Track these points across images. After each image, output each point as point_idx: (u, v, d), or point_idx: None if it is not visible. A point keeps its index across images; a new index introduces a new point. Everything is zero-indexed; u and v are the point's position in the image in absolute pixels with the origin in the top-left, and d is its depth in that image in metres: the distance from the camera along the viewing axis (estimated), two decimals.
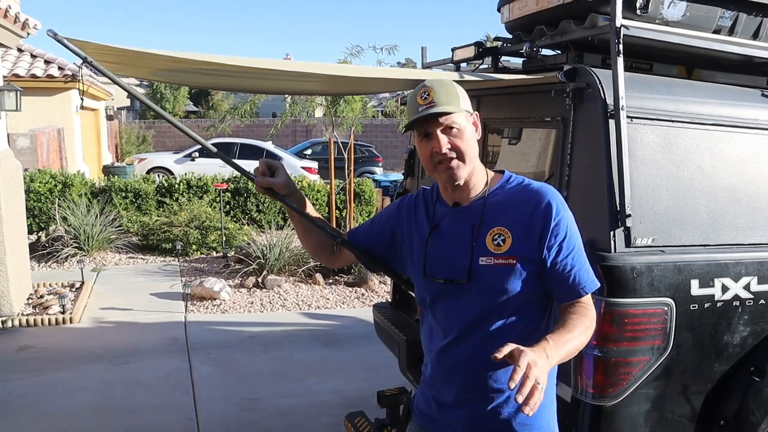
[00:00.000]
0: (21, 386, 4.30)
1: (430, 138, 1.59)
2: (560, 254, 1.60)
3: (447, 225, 1.69)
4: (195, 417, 3.92)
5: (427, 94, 1.58)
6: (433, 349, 1.73)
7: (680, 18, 2.42)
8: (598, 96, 2.21)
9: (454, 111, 1.57)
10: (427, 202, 1.77)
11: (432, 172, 1.64)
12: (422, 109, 1.57)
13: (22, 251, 6.05)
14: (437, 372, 1.73)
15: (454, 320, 1.66)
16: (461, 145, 1.59)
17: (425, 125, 1.59)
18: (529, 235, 1.60)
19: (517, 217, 1.61)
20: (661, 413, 2.24)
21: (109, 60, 2.44)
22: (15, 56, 12.45)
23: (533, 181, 1.69)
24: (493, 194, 1.67)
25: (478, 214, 1.64)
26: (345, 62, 7.62)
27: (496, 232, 1.61)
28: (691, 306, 2.20)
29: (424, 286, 1.70)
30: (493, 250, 1.60)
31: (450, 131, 1.58)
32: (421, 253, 1.70)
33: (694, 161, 2.31)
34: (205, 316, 6.02)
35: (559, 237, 1.60)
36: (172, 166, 15.49)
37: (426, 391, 1.78)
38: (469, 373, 1.65)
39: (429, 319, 1.75)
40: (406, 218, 1.79)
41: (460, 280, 1.62)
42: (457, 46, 3.15)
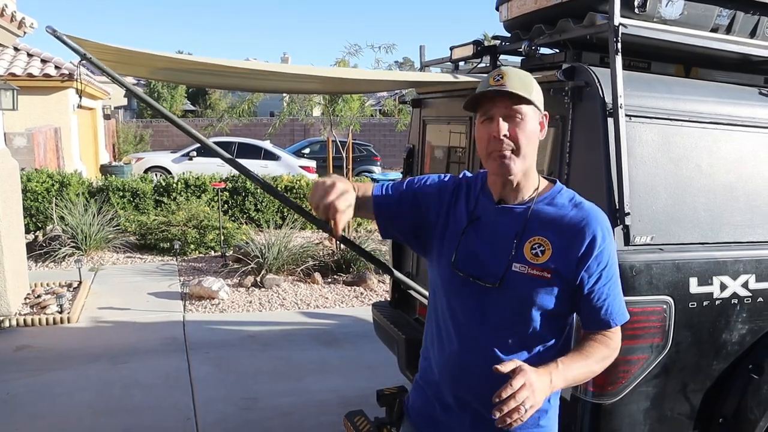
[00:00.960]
0: (18, 386, 4.30)
1: (491, 121, 1.52)
2: (598, 282, 1.57)
3: (488, 221, 1.61)
4: (194, 417, 3.91)
5: (500, 77, 1.51)
6: (443, 347, 1.66)
7: (678, 16, 2.42)
8: (597, 94, 2.21)
9: (525, 95, 1.50)
10: (469, 191, 1.68)
11: (485, 159, 1.56)
12: (492, 89, 1.50)
13: (19, 251, 6.04)
14: (445, 371, 1.66)
15: (474, 320, 1.59)
16: (520, 136, 1.51)
17: (490, 105, 1.52)
18: (569, 253, 1.54)
19: (562, 232, 1.56)
20: (661, 411, 2.25)
21: (106, 59, 2.44)
22: (11, 55, 12.43)
23: (584, 200, 1.64)
24: (541, 202, 1.60)
25: (522, 219, 1.57)
26: (343, 61, 7.63)
27: (537, 242, 1.55)
28: (689, 304, 2.21)
29: (449, 276, 1.62)
30: (529, 259, 1.54)
31: (513, 119, 1.51)
32: (455, 242, 1.62)
33: (692, 159, 2.32)
34: (203, 315, 6.01)
35: (601, 265, 1.56)
36: (169, 165, 15.47)
37: (426, 391, 1.72)
38: (483, 376, 1.56)
39: (442, 314, 1.67)
40: (447, 201, 1.69)
41: (489, 282, 1.56)
42: (456, 45, 3.15)
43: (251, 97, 8.84)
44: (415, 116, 3.71)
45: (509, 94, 1.49)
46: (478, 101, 1.54)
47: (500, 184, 1.60)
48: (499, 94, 1.50)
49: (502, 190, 1.61)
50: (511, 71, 1.54)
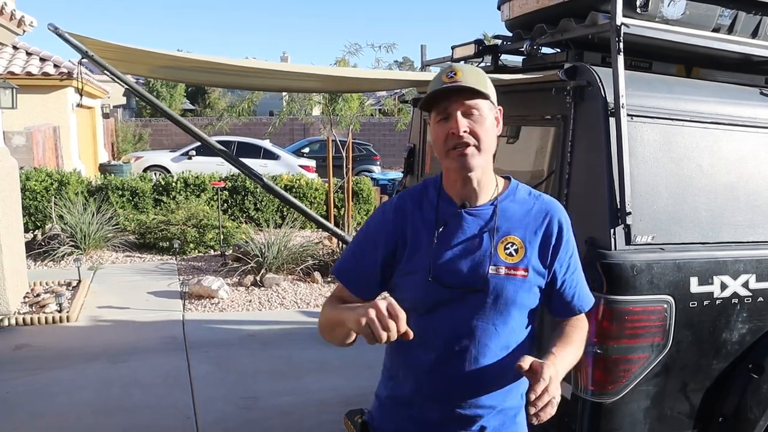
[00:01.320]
0: (18, 385, 4.29)
1: (448, 119, 1.49)
2: (568, 271, 1.60)
3: (455, 226, 1.56)
4: (194, 416, 3.91)
5: (453, 74, 1.48)
6: (421, 362, 1.58)
7: (680, 16, 2.42)
8: (599, 94, 2.22)
9: (482, 90, 1.48)
10: (422, 201, 1.61)
11: (443, 158, 1.52)
12: (447, 86, 1.47)
13: (18, 250, 6.03)
14: (425, 387, 1.58)
15: (458, 329, 1.54)
16: (480, 132, 1.48)
17: (446, 103, 1.49)
18: (541, 248, 1.56)
19: (530, 227, 1.57)
20: (661, 410, 2.25)
21: (107, 57, 2.44)
22: (10, 54, 12.41)
23: (541, 193, 1.65)
24: (505, 200, 1.59)
25: (490, 220, 1.56)
26: (343, 60, 7.63)
27: (509, 241, 1.55)
28: (690, 303, 2.21)
29: (426, 290, 1.54)
30: (505, 260, 1.54)
31: (471, 115, 1.48)
32: (427, 255, 1.55)
33: (693, 159, 2.32)
34: (203, 314, 6.01)
35: (568, 253, 1.60)
36: (168, 164, 15.46)
37: (400, 412, 1.63)
38: (469, 388, 1.56)
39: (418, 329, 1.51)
40: (401, 223, 1.59)
41: (471, 289, 1.52)
42: (457, 44, 3.15)
43: (251, 96, 8.84)
44: (416, 116, 3.71)
45: (465, 89, 1.47)
46: (432, 101, 1.51)
47: (461, 184, 1.55)
48: (456, 90, 1.47)
49: (463, 192, 1.56)
50: (464, 67, 1.52)
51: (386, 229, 1.60)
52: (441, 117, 1.50)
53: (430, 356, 1.56)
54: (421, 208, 1.60)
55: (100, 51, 2.22)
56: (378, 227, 1.63)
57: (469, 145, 1.48)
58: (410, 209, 1.60)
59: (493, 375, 1.56)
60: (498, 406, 1.59)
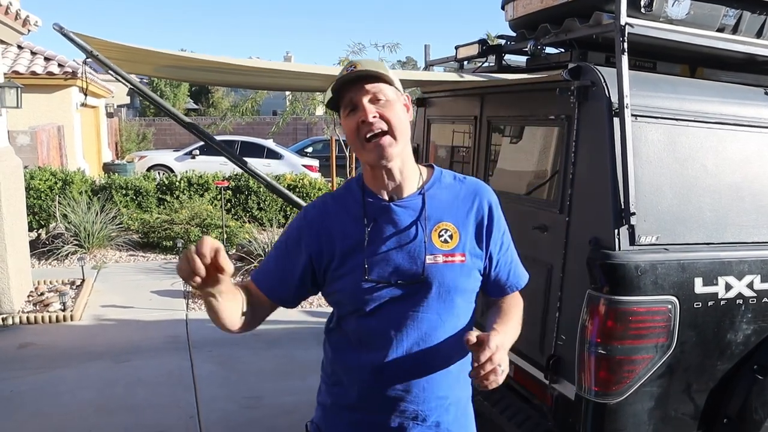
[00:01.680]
0: (22, 384, 4.30)
1: (356, 110, 1.46)
2: (501, 250, 1.60)
3: (385, 221, 1.52)
4: (197, 415, 3.91)
5: (353, 66, 1.46)
6: (366, 364, 1.53)
7: (684, 16, 2.41)
8: (603, 94, 2.21)
9: (383, 74, 1.45)
10: (346, 202, 1.57)
11: (360, 151, 1.48)
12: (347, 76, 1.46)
13: (22, 249, 6.05)
14: (374, 389, 1.54)
15: (404, 326, 1.50)
16: (390, 116, 1.45)
17: (350, 94, 1.46)
18: (476, 230, 1.56)
19: (461, 212, 1.55)
20: (665, 411, 2.25)
21: (112, 56, 2.45)
22: (15, 53, 12.44)
23: (466, 176, 1.64)
24: (431, 188, 1.56)
25: (420, 210, 1.52)
26: (347, 60, 7.63)
27: (442, 228, 1.52)
28: (694, 304, 2.20)
29: (363, 291, 1.50)
30: (440, 247, 1.51)
31: (378, 101, 1.45)
32: (358, 255, 1.50)
33: (698, 160, 2.31)
34: (206, 313, 5.99)
35: (500, 232, 1.60)
36: (172, 163, 15.48)
37: (349, 418, 1.59)
38: (419, 384, 1.53)
39: (361, 330, 1.54)
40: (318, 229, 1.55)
41: (411, 281, 1.49)
42: (461, 44, 3.15)
43: (254, 95, 8.86)
44: (419, 115, 3.71)
45: (365, 77, 1.45)
46: (337, 98, 1.49)
47: (383, 178, 1.51)
48: (357, 79, 1.45)
49: (387, 185, 1.53)
50: (362, 60, 1.51)
51: (307, 233, 1.56)
52: (348, 109, 1.48)
53: (376, 357, 1.52)
54: (346, 208, 1.56)
55: (105, 50, 2.23)
56: (298, 231, 1.58)
57: (384, 133, 1.45)
58: (334, 211, 1.57)
59: (442, 366, 1.54)
60: (450, 397, 1.58)
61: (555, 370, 2.38)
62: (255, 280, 1.59)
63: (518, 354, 2.66)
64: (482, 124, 3.03)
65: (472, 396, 1.68)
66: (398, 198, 1.53)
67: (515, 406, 2.63)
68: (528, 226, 2.60)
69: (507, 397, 2.70)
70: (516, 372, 2.68)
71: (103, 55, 1.91)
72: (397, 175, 1.51)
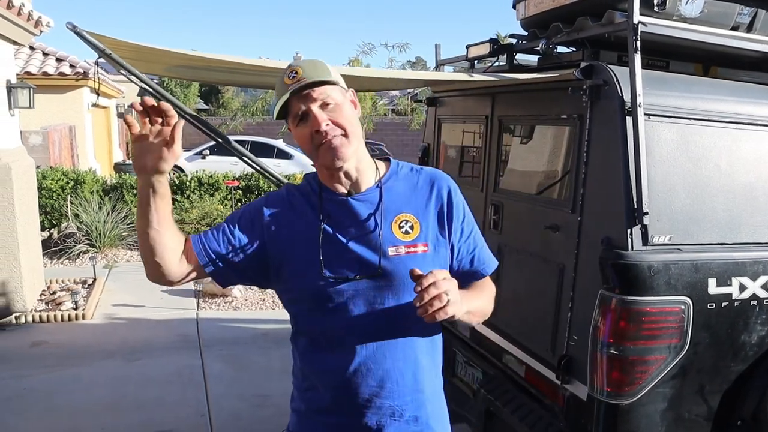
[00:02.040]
0: (35, 381, 4.33)
1: (307, 119, 1.44)
2: (462, 237, 1.58)
3: (342, 215, 1.50)
4: (207, 413, 3.93)
5: (294, 73, 1.43)
6: (336, 365, 1.51)
7: (698, 15, 2.40)
8: (615, 93, 2.20)
9: (328, 79, 1.43)
10: (307, 196, 1.55)
11: (314, 156, 1.47)
12: (291, 87, 1.42)
13: (35, 248, 6.09)
14: (349, 390, 1.51)
15: (369, 321, 1.48)
16: (342, 120, 1.44)
17: (298, 104, 1.43)
18: (437, 218, 1.54)
19: (420, 202, 1.54)
20: (678, 412, 2.23)
21: (123, 55, 2.46)
22: (27, 54, 12.53)
23: (423, 166, 1.63)
24: (388, 180, 1.55)
25: (379, 202, 1.51)
26: (357, 60, 7.63)
27: (402, 219, 1.51)
28: (708, 305, 2.19)
29: (320, 287, 1.47)
30: (402, 238, 1.49)
31: (327, 107, 1.43)
32: (314, 250, 1.47)
33: (711, 159, 2.30)
34: (216, 313, 6.04)
35: (459, 219, 1.57)
36: (182, 163, 15.53)
37: (324, 422, 1.56)
38: (392, 379, 1.51)
39: (325, 329, 1.52)
40: (278, 217, 1.53)
41: (372, 274, 1.46)
42: (472, 44, 3.14)
43: (264, 95, 8.88)
44: (430, 115, 3.71)
45: (312, 84, 1.42)
46: (285, 107, 1.46)
47: (339, 176, 1.50)
48: (303, 90, 1.42)
49: (343, 183, 1.51)
50: (302, 63, 1.46)
51: (267, 217, 1.53)
52: (298, 121, 1.46)
53: (344, 356, 1.50)
54: (308, 201, 1.54)
55: (117, 50, 2.24)
56: (257, 213, 1.54)
57: (336, 135, 1.44)
58: (297, 203, 1.55)
59: (413, 359, 1.53)
60: (426, 391, 1.56)
61: (567, 370, 2.37)
62: (192, 238, 1.53)
63: (530, 354, 2.65)
64: (493, 124, 3.02)
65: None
66: (356, 192, 1.52)
67: (527, 407, 2.62)
68: (539, 226, 2.59)
69: (518, 397, 2.69)
70: (527, 372, 2.68)
71: (116, 55, 1.92)
72: (353, 173, 1.50)
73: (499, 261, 2.88)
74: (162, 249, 1.45)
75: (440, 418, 1.63)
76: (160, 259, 1.47)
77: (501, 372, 2.88)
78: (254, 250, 1.51)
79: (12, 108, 5.66)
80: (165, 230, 1.43)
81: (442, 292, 1.30)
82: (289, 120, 1.48)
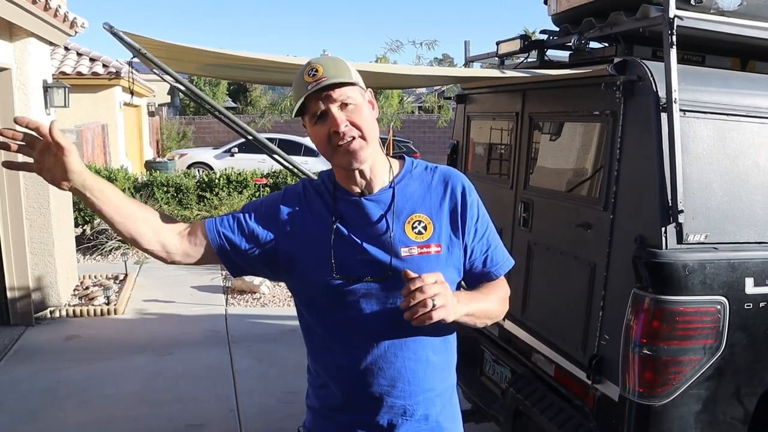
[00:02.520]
0: (69, 375, 4.43)
1: (325, 118, 1.42)
2: (476, 237, 1.54)
3: (355, 216, 1.50)
4: (236, 408, 3.97)
5: (315, 71, 1.41)
6: (348, 363, 1.51)
7: (737, 7, 2.34)
8: (650, 89, 2.16)
9: (348, 81, 1.42)
10: (321, 195, 1.54)
11: (331, 156, 1.46)
12: (312, 86, 1.40)
13: (69, 244, 6.22)
14: (360, 389, 1.51)
15: (381, 322, 1.47)
16: (360, 122, 1.43)
17: (317, 104, 1.42)
18: (450, 219, 1.52)
19: (434, 202, 1.52)
20: (713, 415, 2.19)
21: (156, 55, 2.49)
22: (62, 54, 12.78)
23: (438, 165, 1.61)
24: (402, 180, 1.53)
25: (391, 203, 1.50)
26: (384, 57, 7.63)
27: (415, 219, 1.50)
28: (745, 305, 2.14)
29: (332, 287, 1.47)
30: (414, 239, 1.48)
31: (346, 107, 1.42)
32: (326, 250, 1.47)
33: (749, 156, 2.24)
34: (245, 309, 6.10)
35: (473, 219, 1.53)
36: (211, 161, 15.73)
37: (338, 419, 1.56)
38: (404, 378, 1.50)
39: (338, 328, 1.52)
40: (293, 215, 1.53)
41: (384, 276, 1.46)
42: (502, 40, 3.11)
43: (293, 93, 8.92)
44: (459, 112, 3.69)
45: (332, 86, 1.41)
46: (303, 105, 1.44)
47: (355, 177, 1.49)
48: (323, 91, 1.41)
49: (358, 183, 1.51)
50: (322, 61, 1.44)
51: (284, 212, 1.53)
52: (315, 119, 1.44)
53: (357, 355, 1.49)
54: (322, 199, 1.54)
55: (151, 49, 2.27)
56: (274, 207, 1.55)
57: (354, 138, 1.43)
58: (311, 200, 1.54)
59: (425, 359, 1.51)
60: (436, 389, 1.55)
61: (598, 370, 2.34)
62: (207, 220, 1.54)
63: (559, 352, 2.62)
64: (524, 121, 2.99)
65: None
66: (369, 193, 1.51)
67: (556, 406, 2.60)
68: (570, 224, 2.56)
69: (548, 397, 2.67)
70: (557, 371, 2.65)
71: (150, 54, 1.95)
72: (367, 173, 1.49)
73: (529, 259, 2.89)
74: (138, 226, 1.45)
75: (452, 417, 1.62)
76: (149, 234, 1.46)
77: (530, 371, 2.85)
78: (266, 244, 1.52)
79: (48, 107, 5.78)
80: (128, 212, 1.44)
81: (428, 296, 1.27)
82: (306, 118, 1.47)
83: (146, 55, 1.79)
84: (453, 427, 1.61)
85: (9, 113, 5.05)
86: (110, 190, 1.42)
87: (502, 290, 1.58)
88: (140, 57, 1.80)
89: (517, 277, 2.86)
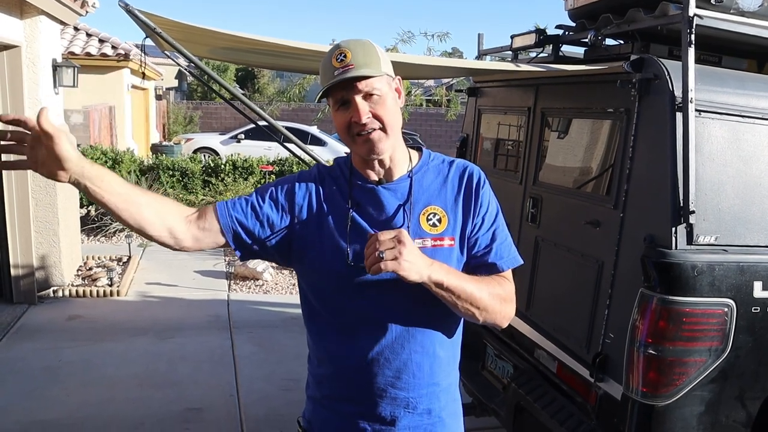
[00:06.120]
0: (71, 354, 4.44)
1: (348, 106, 1.41)
2: (481, 229, 1.51)
3: (371, 204, 1.48)
4: (236, 394, 3.98)
5: (343, 56, 1.38)
6: (355, 353, 1.49)
7: (757, 8, 2.32)
8: (666, 88, 2.15)
9: (375, 74, 1.39)
10: (336, 180, 1.53)
11: (350, 144, 1.45)
12: (338, 72, 1.38)
13: (73, 224, 6.23)
14: (365, 378, 1.49)
15: (390, 312, 1.46)
16: (383, 113, 1.41)
17: (342, 91, 1.40)
18: (463, 212, 1.50)
19: (450, 195, 1.51)
20: (715, 417, 2.18)
21: (171, 36, 2.48)
22: (71, 34, 12.76)
23: (454, 158, 1.60)
24: (419, 171, 1.52)
25: (406, 193, 1.49)
26: (394, 48, 7.59)
27: (431, 212, 1.49)
28: (752, 308, 2.13)
29: (344, 275, 1.45)
30: (428, 231, 1.47)
31: (371, 98, 1.40)
32: (342, 237, 1.46)
33: (763, 158, 2.23)
34: (247, 295, 6.10)
35: (481, 210, 1.51)
36: (218, 147, 15.73)
37: (341, 410, 1.54)
38: (410, 371, 1.49)
39: (345, 316, 1.50)
40: (308, 200, 1.51)
41: None
42: (517, 33, 3.09)
43: (302, 81, 8.90)
44: (470, 105, 3.67)
45: (359, 78, 1.38)
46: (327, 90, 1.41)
47: (373, 165, 1.48)
48: (348, 81, 1.38)
49: (376, 171, 1.50)
50: (353, 45, 1.41)
51: (299, 195, 1.51)
52: (339, 105, 1.43)
53: (362, 344, 1.48)
54: (338, 186, 1.52)
55: (165, 29, 2.25)
56: (290, 189, 1.52)
57: (375, 129, 1.41)
58: (327, 185, 1.52)
59: (431, 352, 1.50)
60: (441, 384, 1.53)
61: (601, 368, 2.34)
62: (218, 204, 1.51)
63: (563, 349, 2.62)
64: (536, 116, 2.97)
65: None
66: (387, 181, 1.50)
67: (558, 403, 2.60)
68: (579, 221, 2.55)
69: (550, 393, 2.66)
70: (559, 368, 2.64)
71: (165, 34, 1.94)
72: (387, 162, 1.48)
73: (536, 255, 2.88)
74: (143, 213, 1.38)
75: (454, 412, 1.61)
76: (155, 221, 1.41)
77: (532, 367, 2.85)
78: (280, 229, 1.50)
79: (57, 86, 5.76)
80: (132, 198, 1.37)
81: (380, 249, 1.28)
82: (329, 101, 1.45)
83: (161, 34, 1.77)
84: (455, 424, 1.61)
85: (18, 91, 5.04)
86: (111, 177, 1.36)
87: (502, 288, 1.50)
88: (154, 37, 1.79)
89: (523, 272, 2.85)
